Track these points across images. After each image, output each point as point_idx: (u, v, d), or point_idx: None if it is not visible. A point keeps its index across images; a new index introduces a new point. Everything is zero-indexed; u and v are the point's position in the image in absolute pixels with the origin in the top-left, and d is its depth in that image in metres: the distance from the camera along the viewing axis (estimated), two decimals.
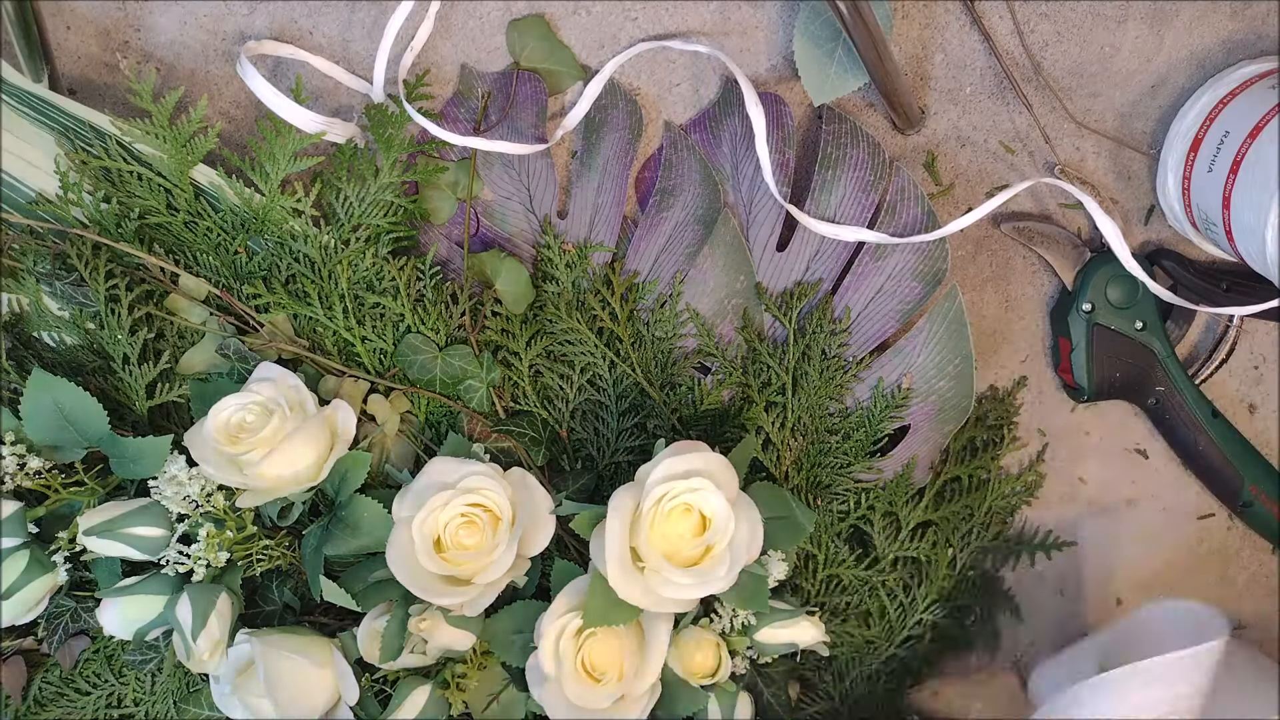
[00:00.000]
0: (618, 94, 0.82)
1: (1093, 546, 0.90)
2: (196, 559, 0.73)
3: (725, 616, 0.76)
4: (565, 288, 0.81)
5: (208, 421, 0.73)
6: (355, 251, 0.78)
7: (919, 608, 0.83)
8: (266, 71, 0.82)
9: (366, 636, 0.74)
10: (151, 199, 0.78)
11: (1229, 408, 0.88)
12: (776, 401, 0.81)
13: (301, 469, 0.73)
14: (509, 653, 0.75)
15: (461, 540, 0.72)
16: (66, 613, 0.77)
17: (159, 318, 0.78)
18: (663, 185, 0.82)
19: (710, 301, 0.81)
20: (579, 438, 0.81)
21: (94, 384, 0.78)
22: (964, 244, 0.85)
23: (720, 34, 0.82)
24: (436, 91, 0.82)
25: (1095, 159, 0.84)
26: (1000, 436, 0.86)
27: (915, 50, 0.82)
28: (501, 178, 0.82)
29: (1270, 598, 0.91)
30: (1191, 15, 0.82)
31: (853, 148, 0.81)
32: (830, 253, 0.81)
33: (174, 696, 0.80)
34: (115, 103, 0.82)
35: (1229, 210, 0.76)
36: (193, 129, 0.77)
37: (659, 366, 0.81)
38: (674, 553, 0.70)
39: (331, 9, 0.81)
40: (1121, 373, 0.84)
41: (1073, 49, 0.82)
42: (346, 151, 0.79)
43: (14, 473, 0.72)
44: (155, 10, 0.81)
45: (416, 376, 0.78)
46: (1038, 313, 0.87)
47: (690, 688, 0.74)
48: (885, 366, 0.81)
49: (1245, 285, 0.83)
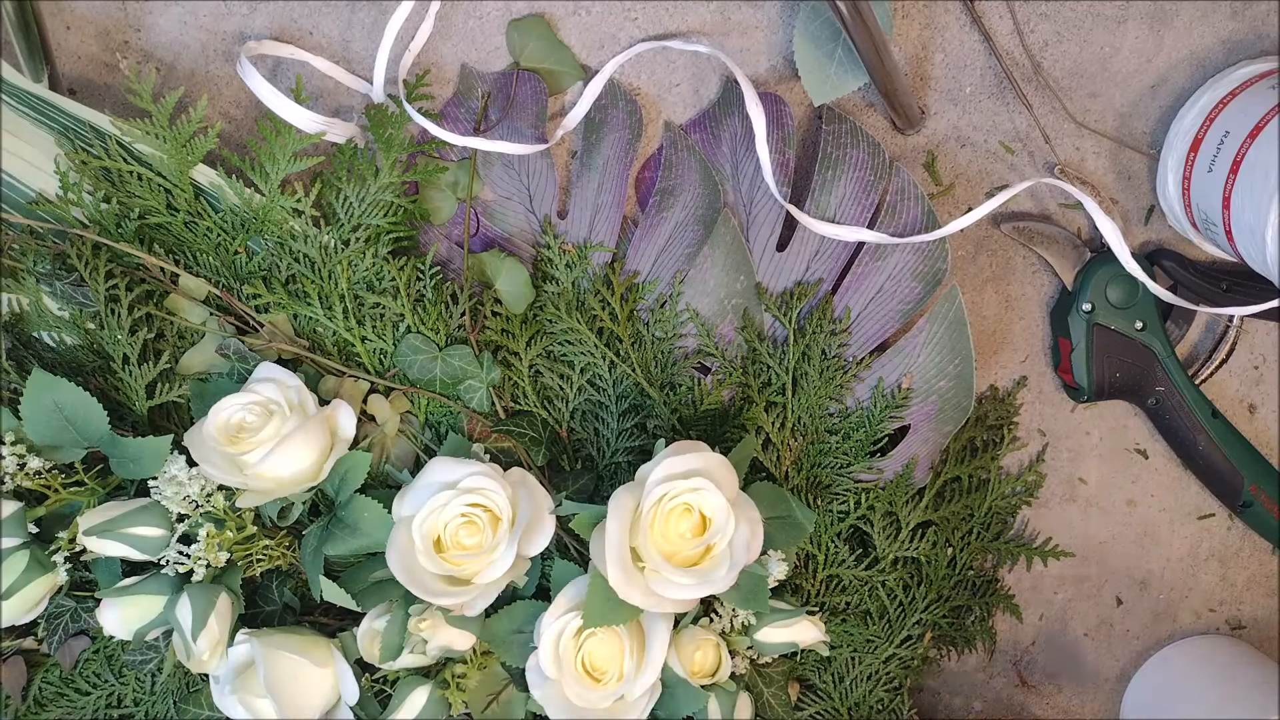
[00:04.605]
0: (618, 94, 0.82)
1: (1093, 546, 0.90)
2: (196, 559, 0.73)
3: (725, 616, 0.76)
4: (565, 288, 0.81)
5: (208, 421, 0.73)
6: (355, 251, 0.78)
7: (919, 608, 0.83)
8: (266, 71, 0.82)
9: (366, 636, 0.74)
10: (151, 199, 0.78)
11: (1229, 408, 0.88)
12: (776, 401, 0.81)
13: (301, 469, 0.73)
14: (509, 653, 0.75)
15: (461, 540, 0.72)
16: (66, 613, 0.77)
17: (159, 318, 0.78)
18: (663, 185, 0.82)
19: (710, 301, 0.81)
20: (579, 438, 0.81)
21: (94, 384, 0.78)
22: (964, 244, 0.85)
23: (720, 34, 0.82)
24: (436, 91, 0.82)
25: (1095, 159, 0.84)
26: (1000, 436, 0.86)
27: (915, 50, 0.82)
28: (501, 178, 0.82)
29: (1270, 598, 0.91)
30: (1191, 15, 0.82)
31: (853, 148, 0.81)
32: (830, 253, 0.81)
33: (174, 696, 0.80)
34: (115, 103, 0.82)
35: (1229, 210, 0.76)
36: (193, 129, 0.77)
37: (659, 366, 0.81)
38: (674, 553, 0.70)
39: (331, 9, 0.81)
40: (1121, 373, 0.84)
41: (1073, 49, 0.82)
42: (346, 151, 0.79)
43: (14, 473, 0.72)
44: (155, 10, 0.81)
45: (416, 376, 0.78)
46: (1038, 313, 0.87)
47: (690, 688, 0.74)
48: (885, 366, 0.81)
49: (1245, 285, 0.83)
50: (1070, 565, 0.90)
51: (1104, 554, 0.90)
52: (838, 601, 0.83)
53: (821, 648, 0.78)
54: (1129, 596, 0.91)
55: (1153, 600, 0.91)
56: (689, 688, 0.74)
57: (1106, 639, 0.91)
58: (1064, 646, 0.91)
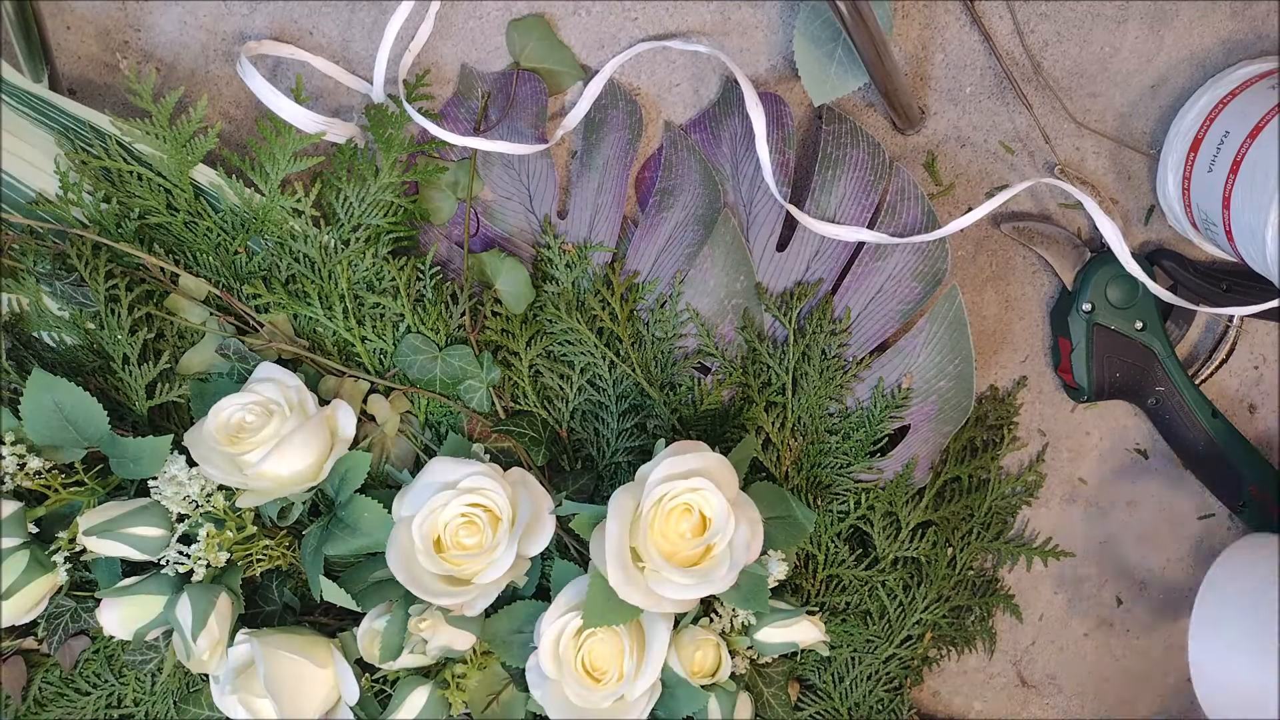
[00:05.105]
0: (618, 94, 0.82)
1: (1093, 546, 0.90)
2: (196, 559, 0.73)
3: (725, 616, 0.76)
4: (565, 288, 0.81)
5: (208, 421, 0.73)
6: (355, 251, 0.78)
7: (919, 608, 0.83)
8: (266, 71, 0.82)
9: (366, 636, 0.74)
10: (151, 199, 0.78)
11: (1229, 408, 0.88)
12: (776, 401, 0.81)
13: (301, 469, 0.73)
14: (509, 653, 0.75)
15: (461, 540, 0.72)
16: (66, 613, 0.77)
17: (159, 318, 0.78)
18: (663, 185, 0.82)
19: (710, 301, 0.81)
20: (579, 438, 0.81)
21: (94, 384, 0.78)
22: (964, 244, 0.85)
23: (720, 34, 0.82)
24: (436, 91, 0.82)
25: (1095, 159, 0.84)
26: (1000, 436, 0.86)
27: (915, 50, 0.82)
28: (501, 178, 0.82)
29: None
30: (1191, 15, 0.82)
31: (853, 148, 0.80)
32: (830, 253, 0.81)
33: (174, 696, 0.80)
34: (115, 103, 0.82)
35: (1229, 210, 0.76)
36: (193, 129, 0.77)
37: (659, 366, 0.81)
38: (674, 553, 0.70)
39: (331, 9, 0.81)
40: (1121, 373, 0.84)
41: (1073, 49, 0.82)
42: (346, 151, 0.79)
43: (14, 473, 0.72)
44: (155, 10, 0.81)
45: (416, 376, 0.78)
46: (1038, 313, 0.87)
47: (690, 688, 0.74)
48: (885, 366, 0.81)
49: (1245, 285, 0.83)
50: (1070, 565, 0.90)
51: (1104, 554, 0.90)
52: (838, 601, 0.83)
53: (821, 648, 0.78)
54: (1129, 596, 0.91)
55: (1153, 600, 0.91)
56: (689, 688, 0.74)
57: (1106, 639, 0.91)
58: (1064, 646, 0.91)
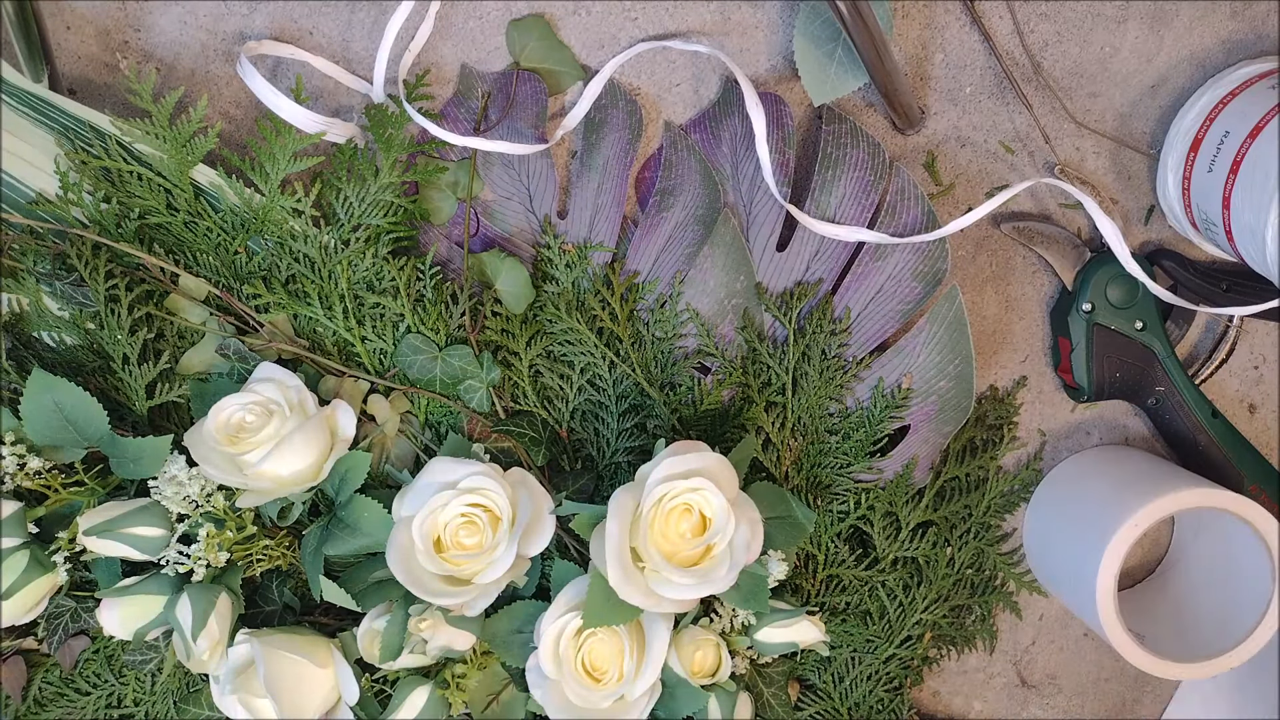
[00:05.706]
0: (618, 94, 0.82)
1: None
2: (196, 559, 0.73)
3: (725, 616, 0.76)
4: (565, 288, 0.81)
5: (208, 421, 0.73)
6: (355, 251, 0.78)
7: (919, 608, 0.83)
8: (266, 71, 0.82)
9: (366, 636, 0.74)
10: (151, 199, 0.78)
11: (1229, 408, 0.88)
12: (776, 401, 0.81)
13: (301, 469, 0.73)
14: (509, 653, 0.75)
15: (461, 540, 0.72)
16: (66, 613, 0.77)
17: (159, 318, 0.78)
18: (663, 185, 0.82)
19: (710, 301, 0.81)
20: (579, 438, 0.81)
21: (94, 384, 0.78)
22: (964, 244, 0.85)
23: (720, 34, 0.82)
24: (436, 91, 0.82)
25: (1095, 159, 0.84)
26: (1000, 436, 0.86)
27: (915, 50, 0.82)
28: (501, 178, 0.82)
29: None
30: (1191, 15, 0.82)
31: (853, 148, 0.81)
32: (830, 253, 0.81)
33: (174, 696, 0.80)
34: (115, 103, 0.82)
35: (1229, 210, 0.76)
36: (193, 129, 0.77)
37: (659, 366, 0.81)
38: (674, 553, 0.70)
39: (331, 9, 0.81)
40: (1121, 373, 0.84)
41: (1073, 49, 0.82)
42: (346, 151, 0.79)
43: (14, 473, 0.72)
44: (155, 10, 0.81)
45: (416, 376, 0.78)
46: (1038, 313, 0.87)
47: (690, 688, 0.74)
48: (885, 366, 0.81)
49: (1245, 285, 0.83)
50: None
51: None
52: (838, 601, 0.83)
53: (821, 648, 0.78)
54: None
55: None
56: (689, 688, 0.74)
57: None
58: (1064, 646, 0.91)
